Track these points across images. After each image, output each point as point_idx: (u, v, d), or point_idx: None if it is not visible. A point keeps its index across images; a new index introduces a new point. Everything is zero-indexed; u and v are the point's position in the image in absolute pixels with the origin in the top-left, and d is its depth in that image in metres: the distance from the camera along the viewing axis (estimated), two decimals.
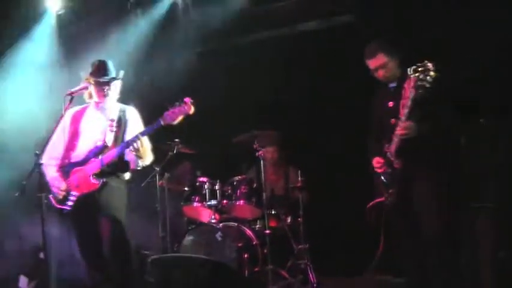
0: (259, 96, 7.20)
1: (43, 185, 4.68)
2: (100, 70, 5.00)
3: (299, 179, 6.51)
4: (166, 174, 6.66)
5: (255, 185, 6.39)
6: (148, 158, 4.98)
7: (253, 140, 6.21)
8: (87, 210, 4.81)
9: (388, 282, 5.71)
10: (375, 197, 4.97)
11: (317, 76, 7.08)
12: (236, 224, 6.28)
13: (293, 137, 6.99)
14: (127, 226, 4.94)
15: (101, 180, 4.81)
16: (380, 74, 4.89)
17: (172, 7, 7.47)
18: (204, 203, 6.38)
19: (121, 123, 4.98)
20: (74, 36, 7.56)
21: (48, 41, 7.44)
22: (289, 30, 7.44)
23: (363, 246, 6.05)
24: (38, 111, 6.75)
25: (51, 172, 4.98)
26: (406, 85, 4.56)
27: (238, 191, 6.37)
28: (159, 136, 5.27)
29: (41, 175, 4.67)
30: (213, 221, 6.28)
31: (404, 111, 4.50)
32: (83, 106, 5.18)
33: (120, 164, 4.94)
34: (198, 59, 7.77)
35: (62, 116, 4.84)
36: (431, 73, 4.28)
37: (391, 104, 4.80)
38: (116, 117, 4.99)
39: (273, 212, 6.48)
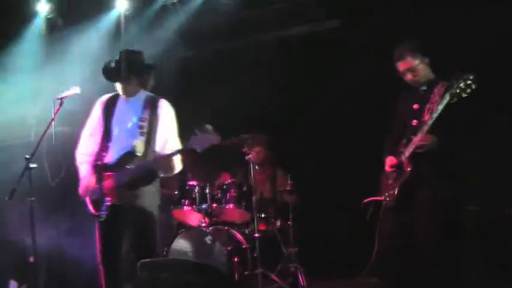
0: (249, 100, 7.22)
1: (33, 189, 4.67)
2: (127, 61, 4.78)
3: (288, 182, 6.54)
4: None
5: (244, 189, 6.39)
6: (174, 170, 4.80)
7: (243, 144, 6.22)
8: (119, 220, 4.61)
9: (376, 284, 5.73)
10: (376, 195, 4.94)
11: (306, 80, 7.12)
12: (226, 228, 6.28)
13: (282, 140, 7.01)
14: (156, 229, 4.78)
15: (131, 192, 4.58)
16: (409, 77, 4.79)
17: (162, 10, 7.47)
18: (193, 206, 6.38)
19: (152, 124, 4.70)
20: (62, 40, 7.53)
21: (36, 44, 7.40)
22: (276, 34, 7.48)
23: (352, 249, 6.08)
24: (26, 115, 6.74)
25: (84, 171, 4.79)
26: (436, 90, 4.56)
27: (228, 195, 6.38)
28: None
29: (27, 178, 4.64)
30: (202, 224, 6.28)
31: (430, 116, 4.48)
32: (113, 95, 4.93)
33: (146, 178, 4.69)
34: (186, 62, 7.78)
35: (52, 120, 4.79)
36: (473, 85, 4.29)
37: (416, 106, 4.72)
38: (147, 116, 4.70)
39: (262, 216, 6.49)
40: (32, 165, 4.65)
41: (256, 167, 7.01)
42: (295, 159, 7.01)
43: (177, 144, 4.70)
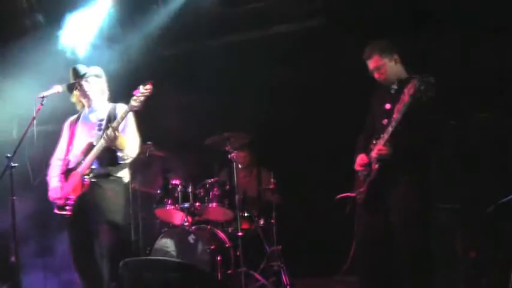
0: (231, 98, 7.21)
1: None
2: (73, 74, 5.05)
3: (271, 180, 6.54)
4: (139, 177, 6.62)
5: (227, 187, 6.38)
6: (129, 149, 4.89)
7: (225, 142, 6.21)
8: (82, 215, 4.77)
9: (357, 282, 5.75)
10: (351, 191, 4.94)
11: (288, 79, 7.11)
12: (209, 227, 6.27)
13: (265, 138, 7.01)
14: (127, 227, 4.90)
15: (90, 180, 4.75)
16: (376, 76, 4.78)
17: (143, 8, 7.42)
18: (176, 205, 6.35)
19: (110, 121, 4.89)
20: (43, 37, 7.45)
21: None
22: (259, 32, 7.46)
23: (335, 247, 6.10)
24: (6, 113, 6.68)
25: (53, 182, 5.00)
26: (406, 89, 4.56)
27: (211, 194, 6.35)
28: None
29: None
30: (185, 223, 6.26)
31: (395, 117, 4.47)
32: (78, 113, 5.22)
33: (109, 160, 4.88)
34: (168, 60, 7.75)
35: (33, 118, 4.79)
36: (433, 88, 4.26)
37: (388, 106, 4.69)
38: (105, 116, 4.97)
39: (245, 214, 6.50)
40: (13, 164, 4.63)
41: (242, 168, 7.02)
42: (277, 158, 7.00)
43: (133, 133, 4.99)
